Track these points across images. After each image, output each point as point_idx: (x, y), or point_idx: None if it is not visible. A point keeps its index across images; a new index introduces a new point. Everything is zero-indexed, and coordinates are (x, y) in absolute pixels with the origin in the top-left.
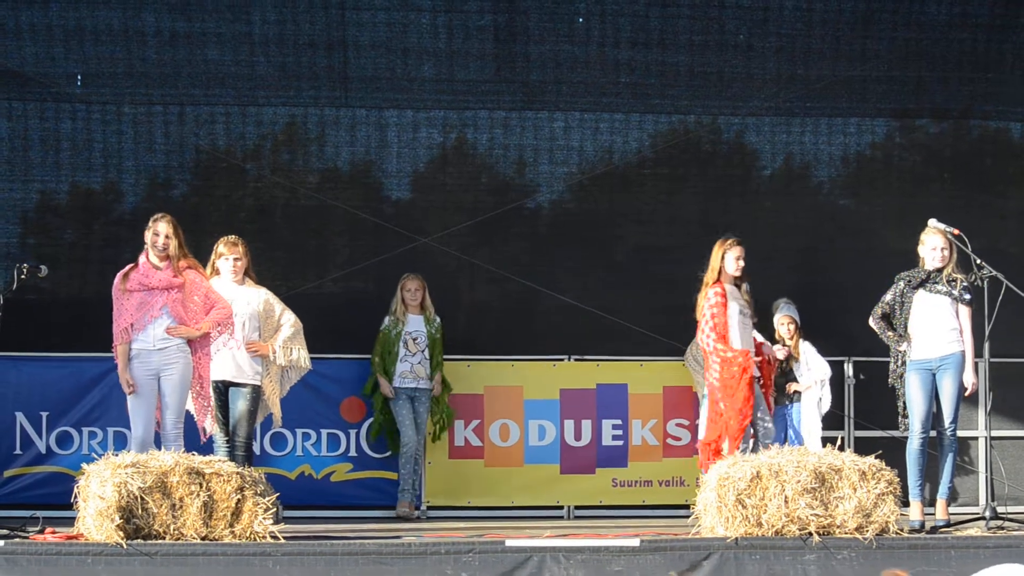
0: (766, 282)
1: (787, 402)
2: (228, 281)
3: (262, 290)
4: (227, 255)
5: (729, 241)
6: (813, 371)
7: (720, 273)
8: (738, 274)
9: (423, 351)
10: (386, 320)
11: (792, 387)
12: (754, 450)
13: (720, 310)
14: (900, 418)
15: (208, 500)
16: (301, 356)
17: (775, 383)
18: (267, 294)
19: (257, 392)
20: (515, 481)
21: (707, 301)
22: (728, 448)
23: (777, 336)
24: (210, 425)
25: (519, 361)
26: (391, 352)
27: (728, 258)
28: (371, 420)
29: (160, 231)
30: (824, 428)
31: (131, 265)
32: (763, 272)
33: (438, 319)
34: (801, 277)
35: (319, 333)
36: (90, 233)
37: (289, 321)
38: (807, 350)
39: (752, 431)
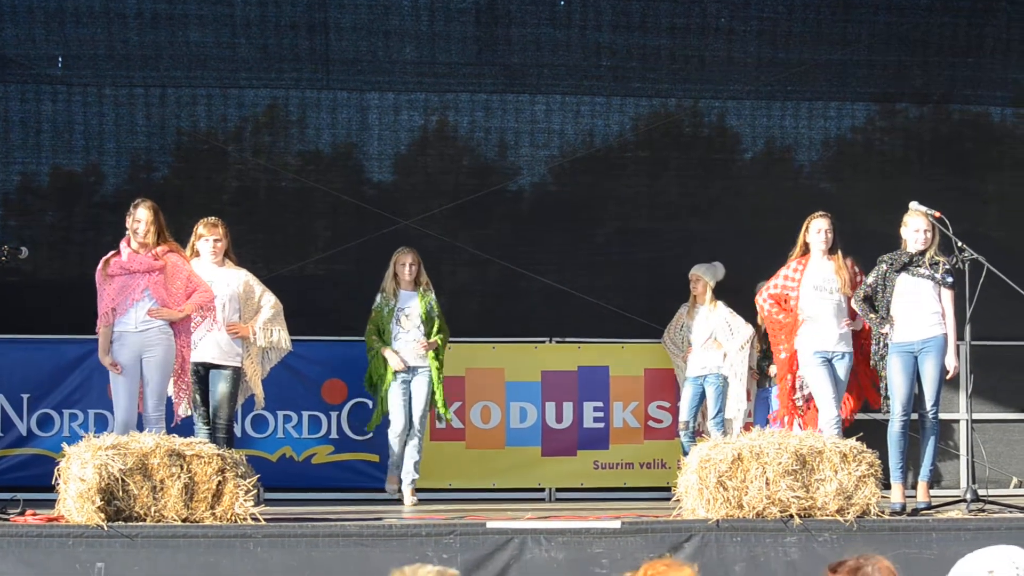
0: (747, 265)
1: (768, 384)
2: (208, 263)
3: (242, 271)
4: (207, 236)
5: (816, 214)
6: None
7: (805, 246)
8: (823, 247)
9: (417, 327)
10: (377, 299)
11: (773, 369)
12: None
13: (784, 280)
14: (883, 399)
15: (189, 482)
16: (282, 337)
17: (757, 365)
18: (247, 275)
19: (238, 374)
20: (496, 463)
21: (783, 270)
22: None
23: (759, 319)
24: (184, 410)
25: (500, 343)
26: (385, 331)
27: (811, 230)
28: (375, 411)
29: (141, 217)
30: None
31: (112, 252)
32: (744, 254)
33: (433, 294)
34: (781, 260)
35: (301, 315)
36: (71, 215)
37: (269, 303)
38: None
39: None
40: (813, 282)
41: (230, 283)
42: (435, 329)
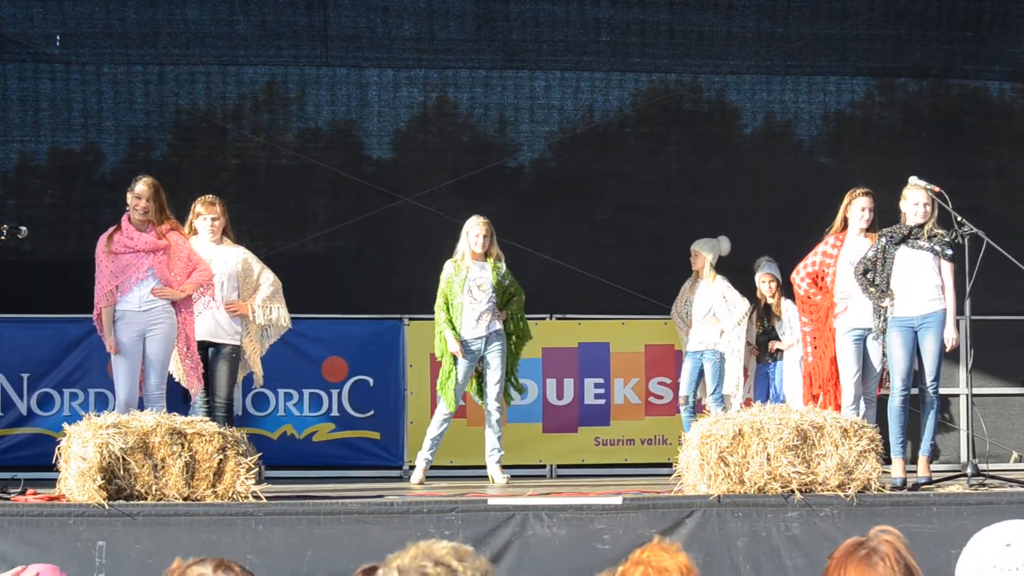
0: (747, 240)
1: (769, 360)
2: (206, 241)
3: (240, 249)
4: (205, 215)
5: (857, 191)
6: (795, 329)
7: (845, 223)
8: (864, 225)
9: (490, 299)
10: (448, 268)
11: (774, 345)
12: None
13: (823, 257)
14: (880, 372)
15: (190, 460)
16: (281, 315)
17: (757, 341)
18: (245, 253)
19: (237, 352)
20: None
21: (820, 246)
22: (822, 401)
23: (759, 294)
24: (198, 388)
25: None
26: (454, 303)
27: (853, 208)
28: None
29: (141, 194)
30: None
31: (114, 227)
32: (744, 230)
33: (504, 264)
34: (782, 235)
35: (301, 293)
36: (70, 194)
37: (268, 280)
38: (789, 308)
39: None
40: (850, 258)
41: (228, 261)
42: (509, 300)
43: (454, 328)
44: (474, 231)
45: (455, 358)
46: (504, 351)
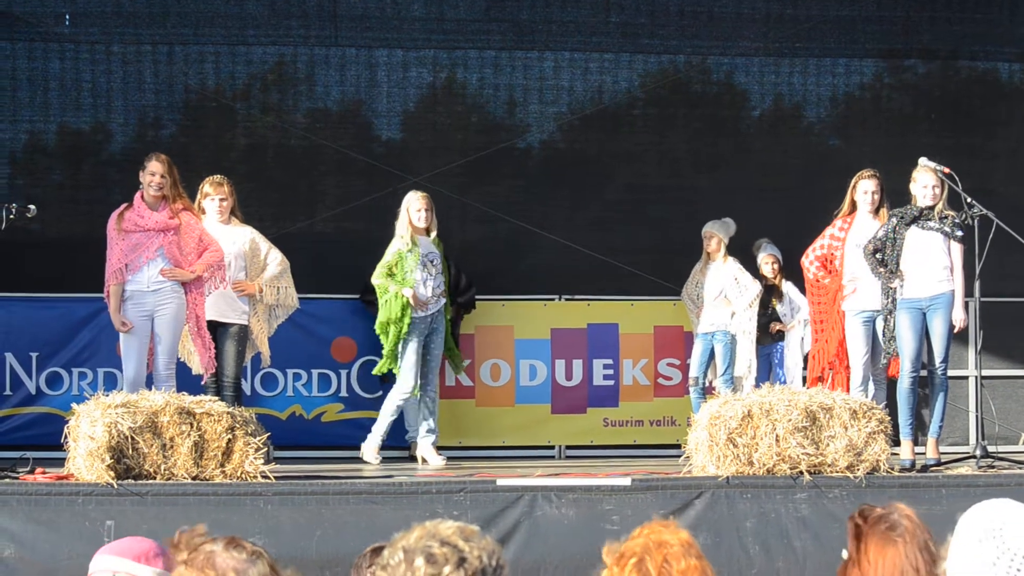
0: (755, 222)
1: (770, 341)
2: (214, 221)
3: (247, 229)
4: (212, 195)
5: (864, 174)
6: (797, 311)
7: (853, 205)
8: (871, 207)
9: (441, 273)
10: (396, 244)
11: (776, 327)
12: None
13: (831, 240)
14: (883, 352)
15: (199, 440)
16: (288, 294)
17: (759, 323)
18: (253, 233)
19: (244, 332)
20: (506, 421)
21: (828, 229)
22: (831, 382)
23: (761, 274)
24: (211, 365)
25: (510, 301)
26: (405, 277)
27: (859, 190)
28: (384, 358)
29: (155, 171)
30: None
31: (126, 205)
32: (753, 212)
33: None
34: (789, 217)
35: (310, 273)
36: (79, 173)
37: (276, 260)
38: (791, 290)
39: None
40: (856, 240)
41: (236, 241)
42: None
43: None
44: (415, 206)
45: (408, 325)
46: (444, 328)
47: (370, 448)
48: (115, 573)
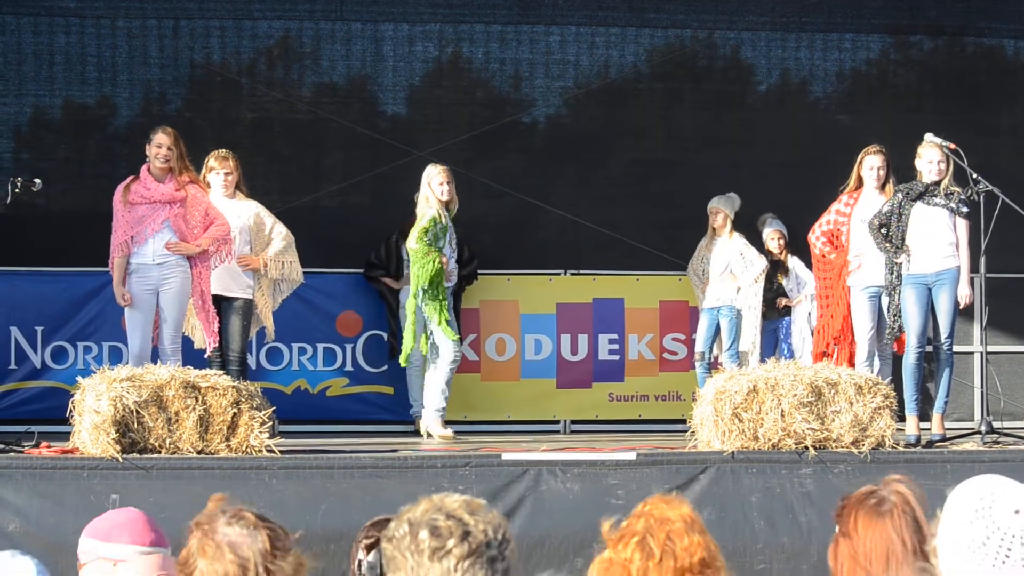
0: (761, 197)
1: (776, 316)
2: (219, 195)
3: (252, 203)
4: (218, 169)
5: (870, 149)
6: (803, 286)
7: (860, 181)
8: (876, 183)
9: (455, 249)
10: (430, 212)
11: (782, 302)
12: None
13: (836, 216)
14: (891, 329)
15: (204, 414)
16: (293, 269)
17: (764, 298)
18: (258, 207)
19: (249, 306)
20: (511, 395)
21: (834, 204)
22: (836, 357)
23: (766, 249)
24: (213, 338)
25: (515, 275)
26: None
27: (864, 166)
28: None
29: (161, 143)
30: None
31: (132, 177)
32: (759, 187)
33: None
34: (796, 192)
35: (315, 247)
36: (84, 148)
37: (280, 234)
38: (796, 265)
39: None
40: (862, 216)
41: (241, 215)
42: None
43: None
44: (436, 179)
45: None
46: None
47: (437, 422)
48: (99, 557)
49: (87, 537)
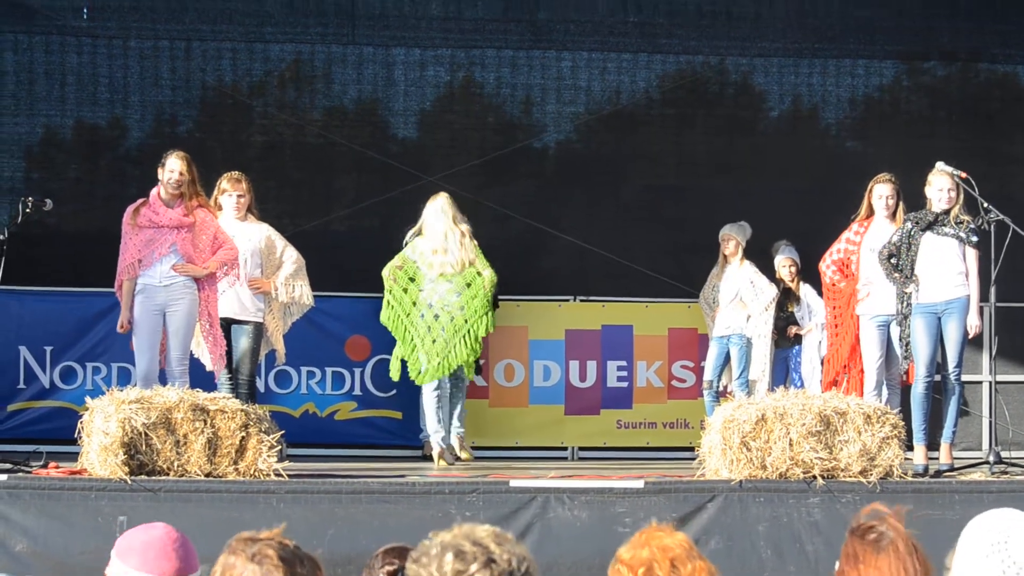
0: (772, 223)
1: (788, 345)
2: (230, 218)
3: (264, 226)
4: (230, 191)
5: (880, 177)
6: (814, 314)
7: (871, 209)
8: (886, 212)
9: None
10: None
11: (793, 330)
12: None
13: (847, 244)
14: (901, 359)
15: (212, 437)
16: (304, 292)
17: (776, 326)
18: (269, 230)
19: (259, 329)
20: (519, 422)
21: (845, 233)
22: (845, 386)
23: (778, 277)
24: (221, 365)
25: (525, 301)
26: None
27: (874, 195)
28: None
29: (174, 167)
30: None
31: (142, 200)
32: (770, 213)
33: None
34: (807, 219)
35: (325, 271)
36: (95, 168)
37: (291, 258)
38: (808, 293)
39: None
40: (872, 244)
41: (252, 238)
42: None
43: None
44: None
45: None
46: None
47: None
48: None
49: (117, 559)
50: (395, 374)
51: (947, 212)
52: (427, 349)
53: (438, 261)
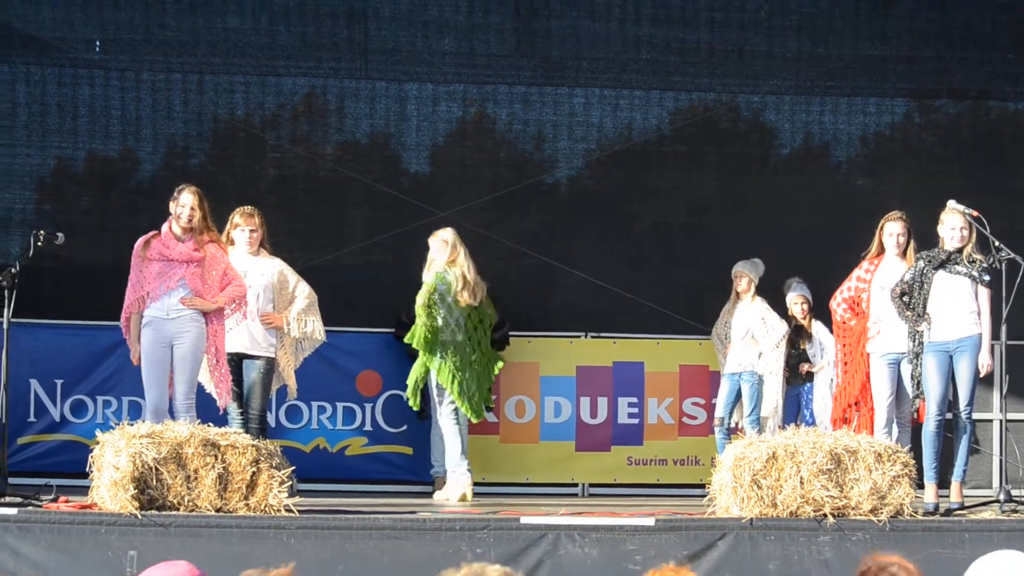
0: (783, 261)
1: (800, 382)
2: (243, 252)
3: (276, 261)
4: (243, 226)
5: (890, 216)
6: (826, 351)
7: (882, 247)
8: (897, 250)
9: None
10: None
11: (805, 368)
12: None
13: (857, 283)
14: (913, 398)
15: (223, 472)
16: (315, 328)
17: (788, 363)
18: (281, 265)
19: (271, 364)
20: (530, 458)
21: (856, 271)
22: (856, 424)
23: (790, 314)
24: (227, 400)
25: (536, 337)
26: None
27: (885, 232)
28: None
29: (185, 203)
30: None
31: (153, 233)
32: (781, 251)
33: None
34: (818, 256)
35: (336, 306)
36: (107, 201)
37: (303, 293)
38: (820, 330)
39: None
40: (882, 283)
41: (264, 273)
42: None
43: None
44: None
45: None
46: None
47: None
48: None
49: None
50: (414, 403)
51: (960, 251)
52: (476, 383)
53: (467, 293)
